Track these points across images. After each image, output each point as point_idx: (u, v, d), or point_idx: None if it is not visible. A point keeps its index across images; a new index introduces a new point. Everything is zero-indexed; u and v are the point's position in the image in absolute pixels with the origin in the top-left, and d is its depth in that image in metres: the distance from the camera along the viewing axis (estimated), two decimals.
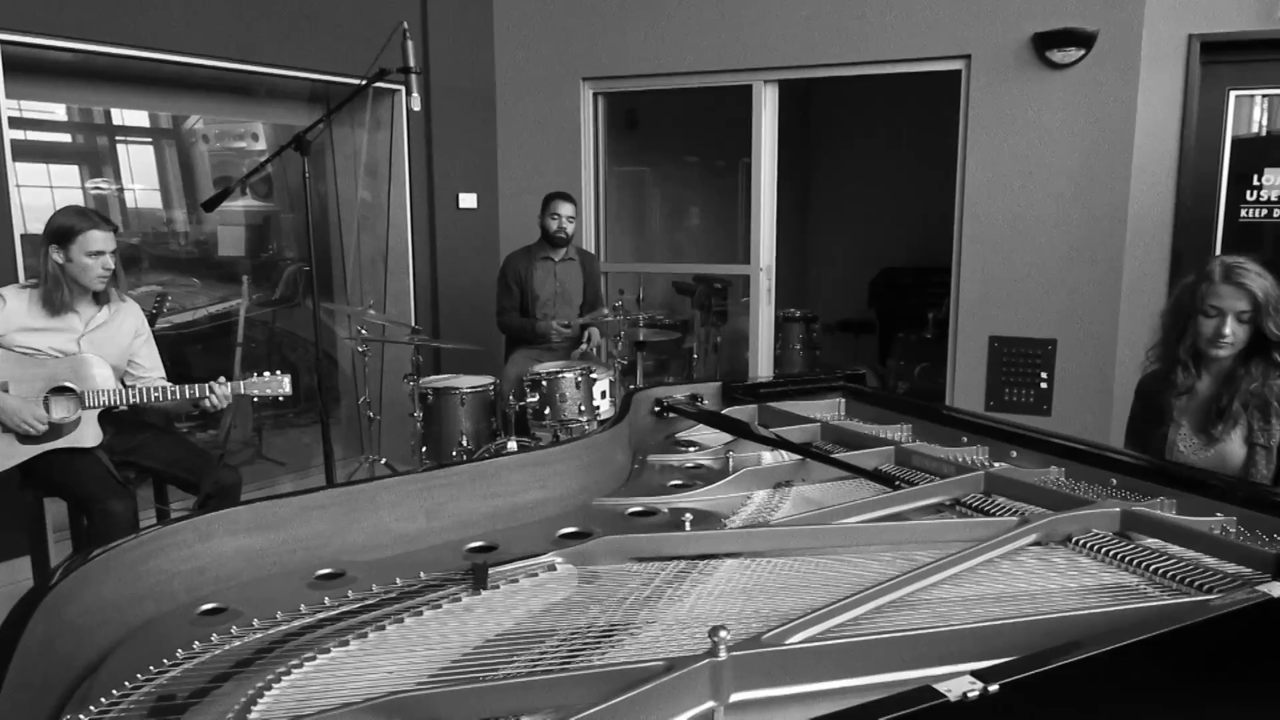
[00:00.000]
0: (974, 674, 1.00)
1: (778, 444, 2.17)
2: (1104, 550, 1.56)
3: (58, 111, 5.13)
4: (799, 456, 2.10)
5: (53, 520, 3.26)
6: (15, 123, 3.69)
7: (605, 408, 3.96)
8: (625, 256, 6.14)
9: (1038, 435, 2.08)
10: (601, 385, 3.96)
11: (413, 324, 4.72)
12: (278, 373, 3.14)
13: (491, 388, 4.04)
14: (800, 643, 1.20)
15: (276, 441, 5.36)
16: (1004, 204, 4.46)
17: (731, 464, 2.14)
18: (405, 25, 3.01)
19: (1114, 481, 1.89)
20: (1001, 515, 1.74)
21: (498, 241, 5.48)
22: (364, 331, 4.19)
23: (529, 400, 3.82)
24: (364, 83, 3.17)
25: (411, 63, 3.01)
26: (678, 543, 1.59)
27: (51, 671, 1.18)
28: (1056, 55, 4.24)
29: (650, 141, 6.68)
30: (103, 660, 1.28)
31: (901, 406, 2.46)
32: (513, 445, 3.69)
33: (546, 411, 3.83)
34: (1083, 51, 4.21)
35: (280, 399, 3.17)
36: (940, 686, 0.97)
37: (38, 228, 3.86)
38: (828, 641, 1.21)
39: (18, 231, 3.67)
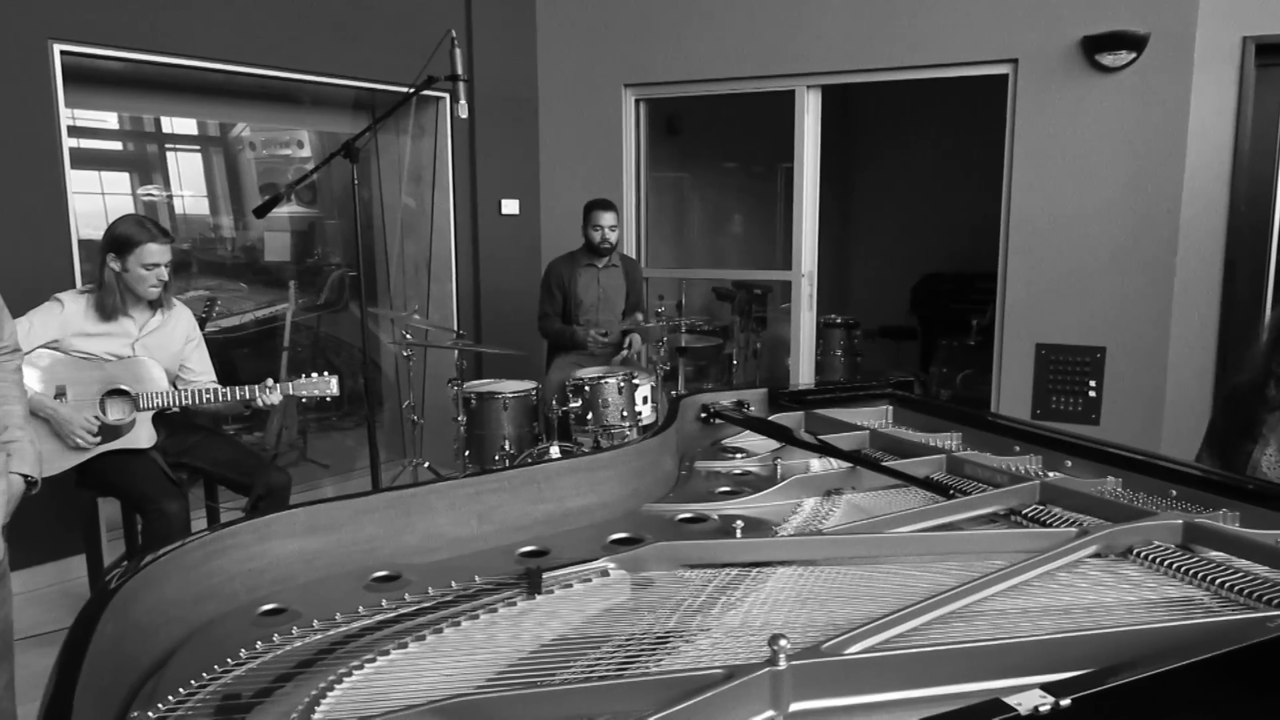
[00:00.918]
0: (1044, 688, 0.98)
1: (827, 451, 2.15)
2: (1166, 563, 1.53)
3: (110, 120, 5.26)
4: (848, 464, 2.09)
5: (105, 520, 3.33)
6: (71, 131, 3.78)
7: (647, 413, 3.96)
8: (665, 262, 6.15)
9: (1094, 445, 2.05)
10: (643, 391, 3.96)
11: (456, 329, 4.76)
12: (325, 374, 3.18)
13: (533, 393, 4.06)
14: (860, 653, 1.19)
15: (320, 444, 5.43)
16: (1051, 209, 4.40)
17: (780, 471, 2.14)
18: (454, 34, 3.05)
19: (1174, 493, 1.86)
20: (1059, 526, 1.71)
21: (539, 247, 5.51)
22: (409, 336, 4.23)
23: (572, 405, 3.83)
24: (412, 90, 3.21)
25: (460, 70, 3.03)
26: (730, 550, 1.59)
27: (119, 669, 1.20)
28: (1106, 58, 4.17)
29: (689, 147, 6.68)
30: (167, 659, 1.30)
31: (951, 414, 2.43)
32: (555, 450, 3.70)
33: (589, 417, 3.84)
34: (1134, 55, 4.14)
35: (328, 399, 3.21)
36: (1010, 700, 0.96)
37: (90, 233, 3.95)
38: (889, 652, 1.20)
39: (74, 238, 3.75)
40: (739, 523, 1.72)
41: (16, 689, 1.84)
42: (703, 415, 2.48)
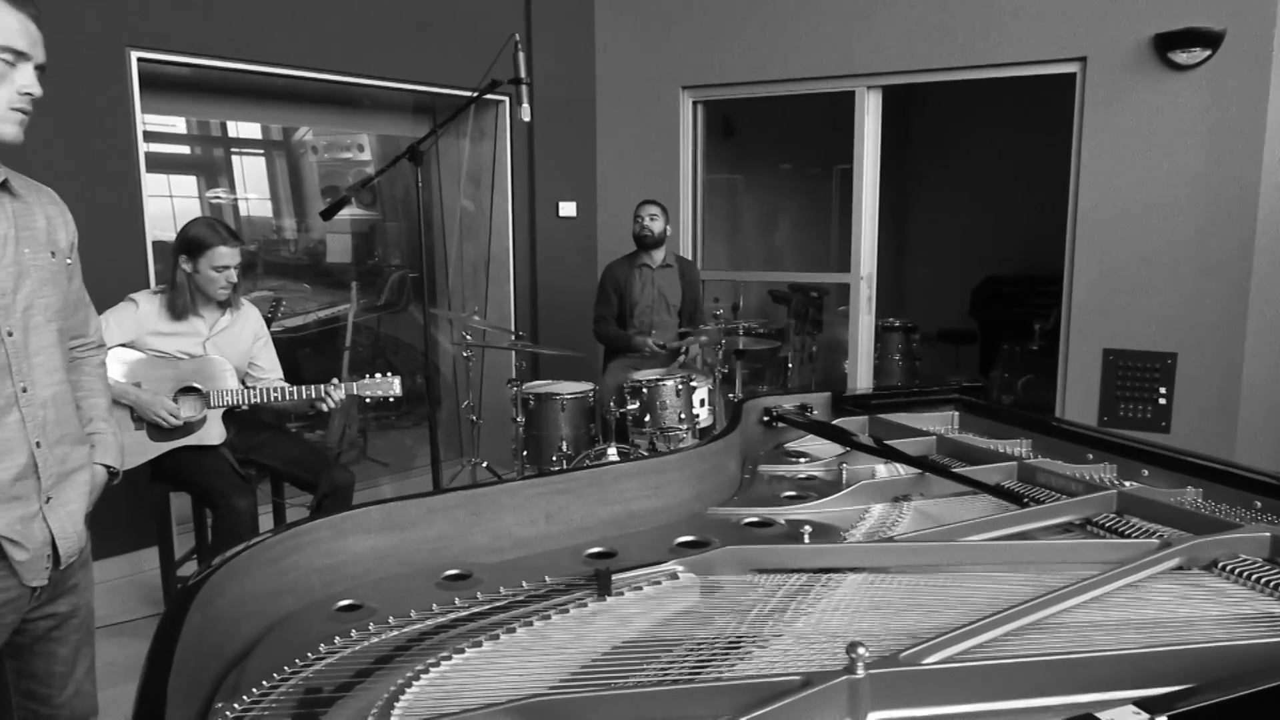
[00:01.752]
0: (1137, 704, 0.96)
1: (894, 456, 2.12)
2: (1254, 577, 1.48)
3: (179, 124, 5.40)
4: (916, 470, 2.06)
5: (176, 514, 3.42)
6: (144, 136, 3.88)
7: (704, 416, 3.95)
8: (719, 264, 6.13)
9: (1173, 453, 1.99)
10: (701, 393, 3.95)
11: (514, 330, 4.80)
12: (388, 374, 3.23)
13: (591, 394, 4.07)
14: (939, 663, 1.17)
15: (380, 443, 5.52)
16: (1120, 212, 4.29)
17: (845, 476, 2.11)
18: (517, 38, 3.07)
19: (1258, 504, 1.80)
20: (1138, 537, 1.66)
21: (596, 249, 5.54)
22: (468, 337, 4.27)
23: (629, 407, 3.83)
24: (476, 94, 3.24)
25: (523, 74, 3.06)
26: (800, 555, 1.57)
27: (204, 660, 1.23)
28: (1180, 56, 4.06)
29: (744, 148, 6.66)
30: (248, 651, 1.33)
31: (1020, 420, 2.38)
32: (612, 452, 3.71)
33: (646, 419, 3.84)
34: (1208, 52, 4.02)
35: (391, 399, 3.25)
36: (1102, 715, 0.93)
37: (159, 235, 4.07)
38: (969, 663, 1.17)
39: (148, 239, 3.86)
40: (807, 528, 1.71)
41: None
42: (765, 419, 2.46)
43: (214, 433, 3.13)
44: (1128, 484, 1.98)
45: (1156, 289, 4.24)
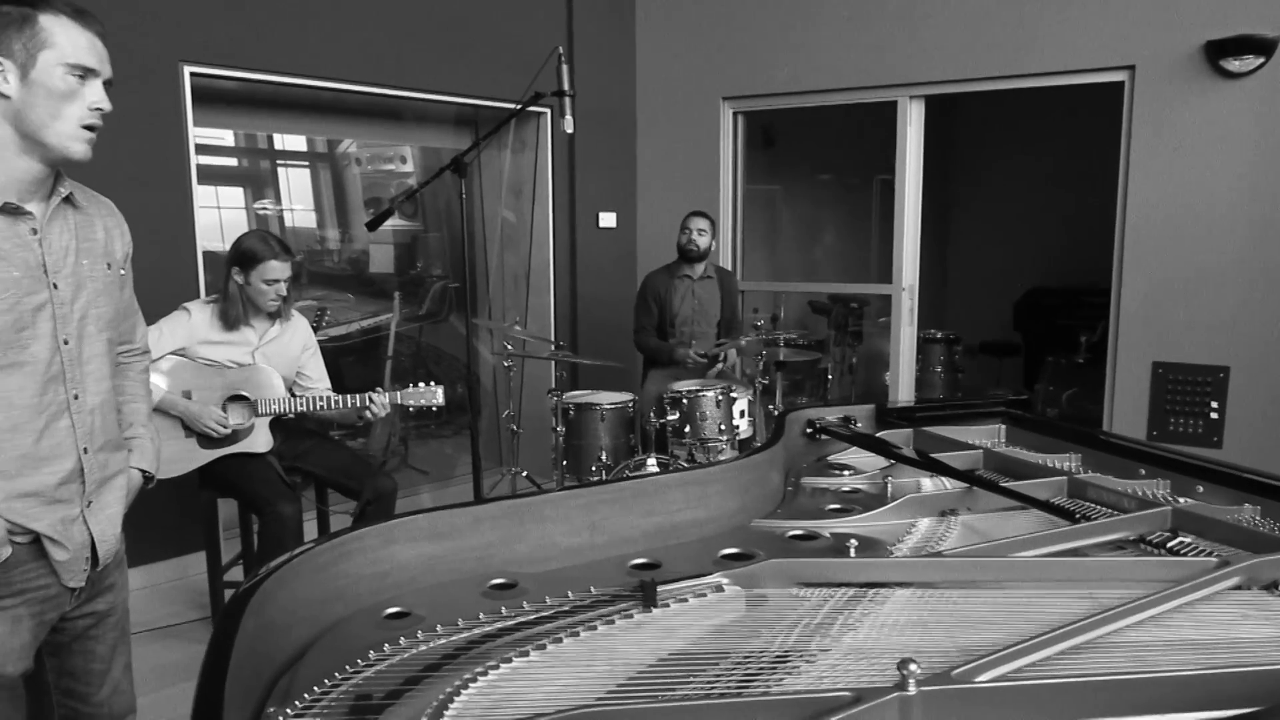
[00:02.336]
0: None
1: (941, 470, 2.10)
2: None
3: (226, 137, 5.52)
4: (963, 484, 2.03)
5: (222, 519, 3.47)
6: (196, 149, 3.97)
7: (744, 427, 3.94)
8: (759, 275, 6.11)
9: (1231, 470, 1.94)
10: (740, 405, 3.94)
11: (553, 339, 4.82)
12: (431, 384, 3.26)
13: (630, 404, 4.08)
14: (992, 681, 1.15)
15: (420, 451, 5.56)
16: (1170, 221, 4.21)
17: (890, 490, 2.09)
18: (561, 50, 3.09)
19: None
20: (1194, 555, 1.63)
21: (635, 260, 5.55)
22: (509, 347, 4.30)
23: (669, 418, 3.83)
24: (519, 106, 3.27)
25: (567, 86, 3.08)
26: (847, 569, 1.56)
27: (258, 664, 1.25)
28: (1232, 64, 3.98)
29: (784, 159, 6.64)
30: (299, 656, 1.35)
31: (1070, 435, 2.34)
32: (652, 462, 3.71)
33: (686, 429, 3.83)
34: (1262, 59, 3.94)
35: (433, 409, 3.28)
36: None
37: (207, 245, 4.15)
38: (1022, 681, 1.15)
39: (199, 249, 3.95)
40: (853, 541, 1.69)
41: (139, 679, 1.94)
42: (808, 431, 2.45)
43: (261, 440, 3.18)
44: (1182, 501, 1.94)
45: (1207, 301, 4.15)
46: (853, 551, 1.67)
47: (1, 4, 1.50)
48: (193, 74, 3.83)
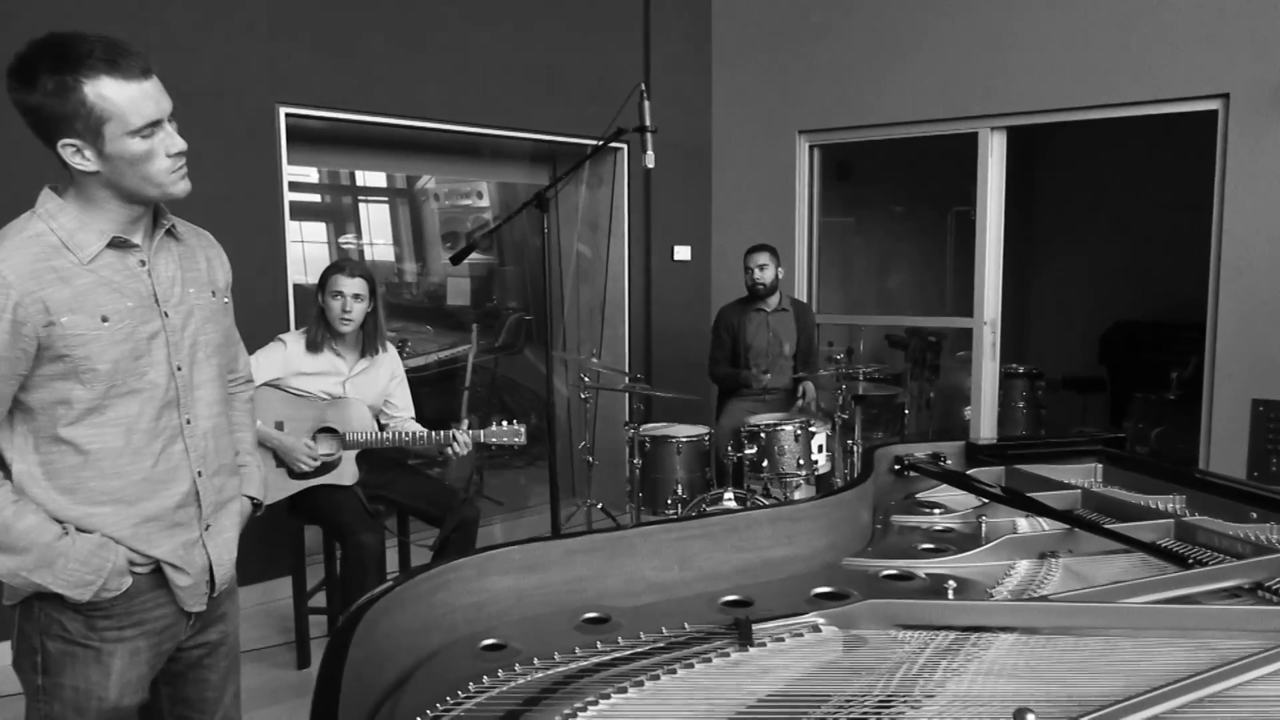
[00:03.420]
0: None
1: (1040, 510, 2.03)
2: None
3: (311, 174, 5.72)
4: (1063, 526, 1.96)
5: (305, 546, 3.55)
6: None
7: (822, 462, 3.89)
8: (833, 308, 6.06)
9: None
10: (819, 439, 3.89)
11: (628, 372, 4.84)
12: (514, 422, 3.29)
13: (706, 437, 4.06)
14: None
15: (494, 481, 5.62)
16: (1268, 254, 4.06)
17: (984, 530, 2.03)
18: (643, 86, 3.14)
19: None
20: None
21: (709, 293, 5.56)
22: (586, 379, 4.33)
23: (747, 451, 3.80)
24: (601, 141, 3.32)
25: (648, 122, 3.12)
26: (948, 612, 1.52)
27: (363, 694, 1.26)
28: None
29: (857, 191, 6.60)
30: (398, 686, 1.36)
31: (1172, 475, 2.25)
32: (729, 496, 3.68)
33: (764, 463, 3.80)
34: None
35: (515, 448, 3.32)
36: None
37: (294, 279, 4.29)
38: None
39: (290, 283, 4.08)
40: (951, 583, 1.65)
41: None
42: (896, 467, 2.40)
43: (348, 473, 3.25)
44: None
45: None
46: (951, 593, 1.63)
47: (40, 74, 1.45)
48: (288, 114, 3.98)
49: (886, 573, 1.82)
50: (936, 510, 2.25)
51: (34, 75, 1.45)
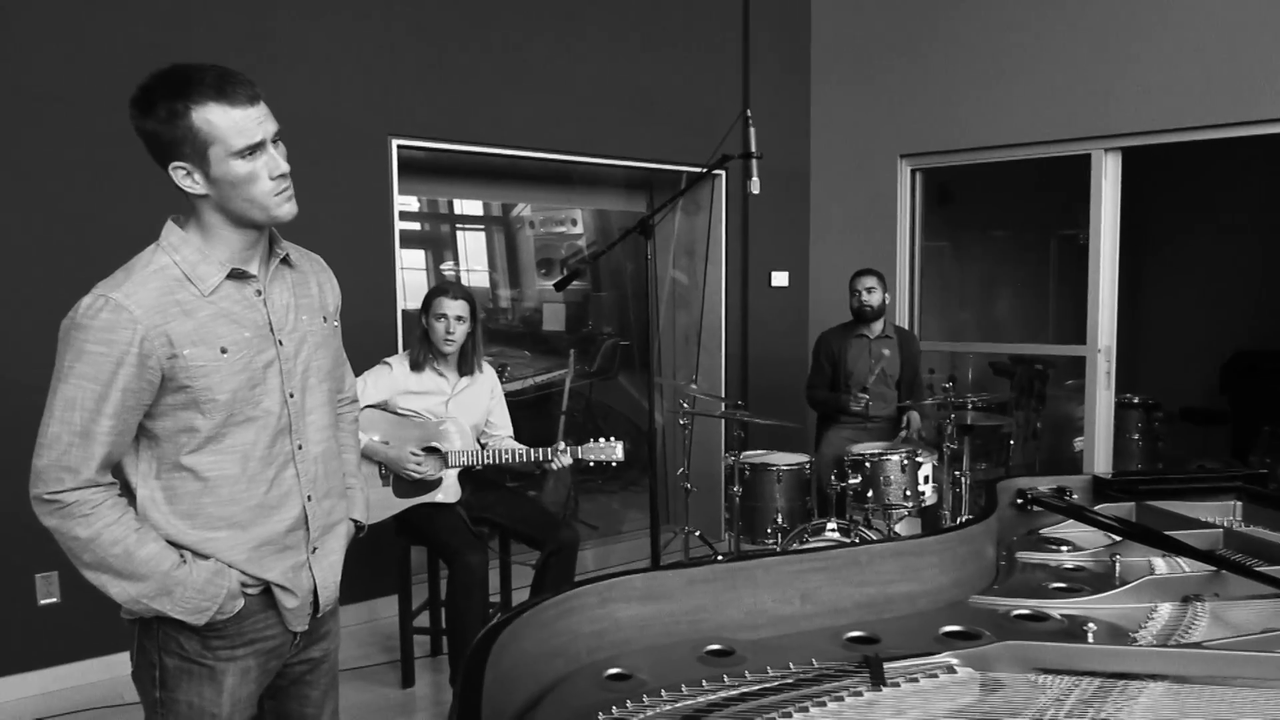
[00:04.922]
0: None
1: (1181, 550, 1.92)
2: None
3: (411, 203, 5.88)
4: (1205, 567, 1.85)
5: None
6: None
7: (929, 493, 3.78)
8: (932, 334, 5.91)
9: None
10: (925, 470, 3.78)
11: (724, 398, 4.81)
12: (611, 439, 3.30)
13: (807, 466, 3.99)
14: None
15: (587, 506, 5.64)
16: None
17: (1118, 569, 1.94)
18: (749, 113, 3.13)
19: None
20: None
21: (807, 319, 5.49)
22: (685, 405, 4.32)
23: (851, 481, 3.73)
24: (705, 169, 3.33)
25: (754, 148, 3.11)
26: (1094, 656, 1.44)
27: (493, 718, 1.26)
28: None
29: (959, 215, 6.44)
30: (525, 712, 1.36)
31: None
32: (833, 526, 3.61)
33: (869, 494, 3.71)
34: None
35: (613, 464, 3.33)
36: None
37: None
38: None
39: (399, 307, 4.20)
40: (1090, 625, 1.57)
41: None
42: (1019, 501, 2.31)
43: (450, 491, 3.31)
44: None
45: None
46: (1091, 636, 1.55)
47: (157, 102, 1.50)
48: (399, 146, 4.11)
49: (1018, 612, 1.74)
50: (1064, 548, 2.16)
51: (151, 103, 1.51)
